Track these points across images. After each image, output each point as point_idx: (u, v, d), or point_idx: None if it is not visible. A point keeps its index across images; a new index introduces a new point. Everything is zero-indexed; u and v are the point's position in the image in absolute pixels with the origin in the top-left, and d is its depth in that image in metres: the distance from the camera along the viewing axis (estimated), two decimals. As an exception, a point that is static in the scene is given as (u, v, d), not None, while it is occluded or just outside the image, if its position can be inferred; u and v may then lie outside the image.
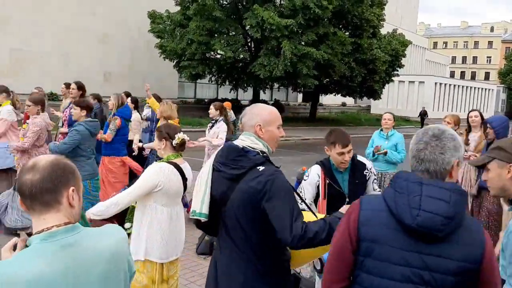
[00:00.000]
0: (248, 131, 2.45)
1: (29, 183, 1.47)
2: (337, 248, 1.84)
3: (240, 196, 2.31)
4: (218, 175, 2.44)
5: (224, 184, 2.39)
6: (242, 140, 2.43)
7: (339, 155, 3.44)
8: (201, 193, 2.46)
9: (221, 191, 2.40)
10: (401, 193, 1.73)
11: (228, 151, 2.44)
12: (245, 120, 2.50)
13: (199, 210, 2.45)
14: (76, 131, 5.18)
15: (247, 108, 2.57)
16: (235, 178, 2.35)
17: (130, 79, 26.30)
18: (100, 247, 1.56)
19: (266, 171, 2.30)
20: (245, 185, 2.30)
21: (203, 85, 33.42)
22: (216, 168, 2.46)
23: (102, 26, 26.05)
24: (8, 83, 8.51)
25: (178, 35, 24.88)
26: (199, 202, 2.45)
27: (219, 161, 2.45)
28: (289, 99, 40.55)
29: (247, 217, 2.31)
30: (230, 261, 2.39)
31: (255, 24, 22.70)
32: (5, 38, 22.59)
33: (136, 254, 3.32)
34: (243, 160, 2.35)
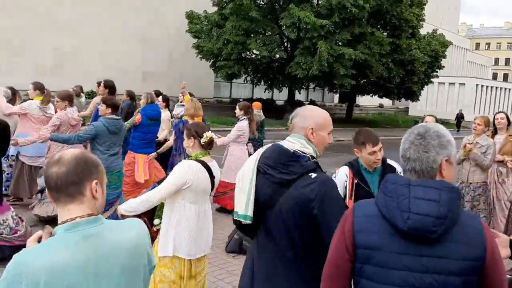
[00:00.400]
0: (298, 133, 2.38)
1: (54, 176, 1.54)
2: (334, 256, 1.81)
3: (290, 202, 2.23)
4: (263, 178, 2.34)
5: (270, 188, 2.31)
6: (291, 143, 2.35)
7: (371, 154, 3.41)
8: (245, 195, 2.36)
9: (267, 195, 2.31)
10: (390, 197, 1.69)
11: (278, 154, 2.34)
12: (296, 121, 2.42)
13: (243, 212, 2.36)
14: (93, 126, 5.45)
15: (298, 109, 2.50)
16: (284, 183, 2.27)
17: (167, 79, 26.75)
18: (121, 240, 1.60)
19: (319, 179, 2.24)
20: (296, 192, 2.23)
21: (238, 85, 33.61)
22: (262, 170, 2.35)
23: (142, 26, 26.60)
24: (51, 81, 8.86)
25: (214, 35, 25.13)
26: (244, 204, 2.36)
27: (267, 163, 2.34)
28: (325, 99, 40.29)
29: (295, 223, 2.25)
30: (271, 265, 2.33)
31: (291, 24, 22.65)
32: (49, 38, 23.40)
33: (164, 250, 3.39)
34: (295, 166, 2.28)
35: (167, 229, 3.44)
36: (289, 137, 2.40)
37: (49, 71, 22.60)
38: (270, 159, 2.34)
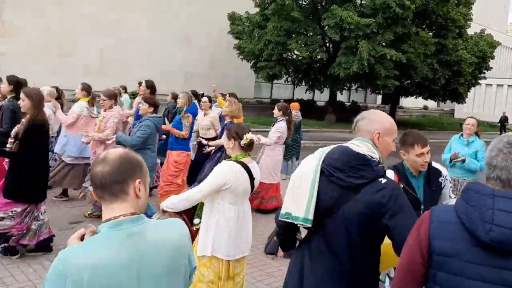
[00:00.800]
0: (364, 137, 2.32)
1: (99, 175, 1.58)
2: (407, 261, 1.79)
3: (359, 208, 2.16)
4: (327, 181, 2.25)
5: (335, 192, 2.22)
6: (357, 146, 2.28)
7: (419, 156, 3.31)
8: (304, 197, 2.25)
9: (330, 199, 2.22)
10: (472, 206, 1.64)
11: (348, 157, 2.25)
12: (362, 124, 2.36)
13: (303, 215, 2.24)
14: (147, 126, 5.57)
15: (365, 112, 2.45)
16: (353, 187, 2.19)
17: (209, 79, 27.00)
18: (163, 240, 1.62)
19: (389, 185, 2.20)
20: (366, 197, 2.16)
21: (279, 86, 33.57)
22: (327, 172, 2.26)
23: (185, 28, 27.02)
24: (97, 81, 9.13)
25: (256, 36, 25.21)
26: (304, 206, 2.24)
27: (334, 166, 2.26)
28: (367, 100, 39.63)
29: (359, 230, 2.18)
30: (326, 271, 2.25)
31: (334, 24, 22.42)
32: (96, 39, 24.16)
33: (203, 250, 3.41)
34: (366, 170, 2.21)
35: (207, 229, 3.46)
36: (355, 140, 2.33)
37: (95, 72, 23.29)
38: (338, 161, 2.26)
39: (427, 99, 32.22)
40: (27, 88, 5.05)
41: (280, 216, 2.36)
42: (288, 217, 2.31)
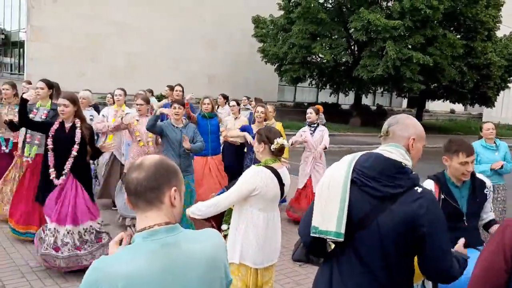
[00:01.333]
0: (398, 142, 2.19)
1: (135, 181, 1.53)
2: (487, 267, 1.73)
3: (396, 219, 2.04)
4: (360, 191, 2.12)
5: (369, 203, 2.10)
6: (390, 152, 2.16)
7: (462, 164, 3.16)
8: (334, 209, 2.12)
9: (364, 210, 2.10)
10: None
11: (383, 165, 2.12)
12: (395, 129, 2.23)
13: (335, 228, 2.10)
14: (197, 129, 5.75)
15: (397, 117, 2.31)
16: (388, 197, 2.07)
17: (232, 82, 27.12)
18: (199, 251, 1.55)
19: (425, 194, 2.09)
20: (403, 208, 2.04)
21: (303, 89, 33.41)
22: (360, 182, 2.13)
23: (209, 31, 27.17)
24: (124, 85, 9.16)
25: (280, 39, 25.15)
26: (334, 219, 2.11)
27: (367, 175, 2.12)
28: (392, 104, 39.12)
29: (395, 240, 2.06)
30: (357, 284, 2.14)
31: (360, 27, 22.16)
32: (121, 43, 24.50)
33: (231, 257, 3.32)
34: (402, 178, 2.10)
35: (235, 235, 3.39)
36: (386, 146, 2.21)
37: (122, 75, 23.58)
38: (372, 170, 2.12)
39: (454, 102, 31.51)
40: (68, 93, 4.94)
41: (311, 231, 2.22)
42: (317, 231, 2.18)
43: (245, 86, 27.29)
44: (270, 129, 3.57)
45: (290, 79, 25.90)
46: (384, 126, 2.29)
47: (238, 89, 24.38)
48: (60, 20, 23.02)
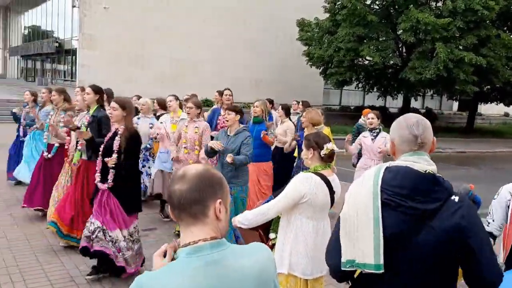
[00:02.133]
0: (424, 150, 1.99)
1: (178, 193, 1.45)
2: None
3: (438, 235, 1.86)
4: (393, 211, 1.91)
5: (405, 222, 1.89)
6: (415, 163, 1.95)
7: None
8: (369, 239, 1.91)
9: (401, 232, 1.90)
10: None
11: (415, 180, 1.91)
12: (427, 137, 1.99)
13: (372, 261, 1.90)
14: (250, 137, 5.31)
15: (418, 120, 2.02)
16: (428, 214, 1.88)
17: (277, 86, 27.06)
18: (247, 267, 1.45)
19: (463, 202, 1.91)
20: (443, 223, 1.86)
21: (349, 92, 32.92)
22: (393, 203, 1.91)
23: (254, 35, 27.27)
24: (170, 90, 9.28)
25: (325, 42, 24.85)
26: (370, 250, 1.90)
27: (400, 194, 1.91)
28: (442, 107, 37.90)
29: (439, 257, 1.89)
30: None
31: (409, 27, 21.52)
32: (167, 49, 24.99)
33: (279, 267, 3.20)
34: (439, 190, 1.90)
35: (283, 244, 3.27)
36: (408, 156, 1.97)
37: (168, 80, 24.04)
38: (404, 189, 1.90)
39: (508, 105, 30.11)
40: (119, 98, 4.89)
41: (343, 266, 1.99)
42: (352, 265, 1.97)
43: (290, 90, 27.16)
44: (318, 134, 3.43)
45: (336, 83, 25.54)
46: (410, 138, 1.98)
47: (283, 93, 24.28)
48: (110, 27, 23.75)
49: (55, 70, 34.53)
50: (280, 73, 28.37)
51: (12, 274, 4.66)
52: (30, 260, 5.05)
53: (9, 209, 6.82)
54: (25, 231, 5.95)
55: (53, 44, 31.30)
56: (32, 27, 40.73)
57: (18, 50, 42.84)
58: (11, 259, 5.01)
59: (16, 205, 6.93)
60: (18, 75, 45.17)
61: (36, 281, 4.56)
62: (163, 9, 24.84)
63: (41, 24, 37.55)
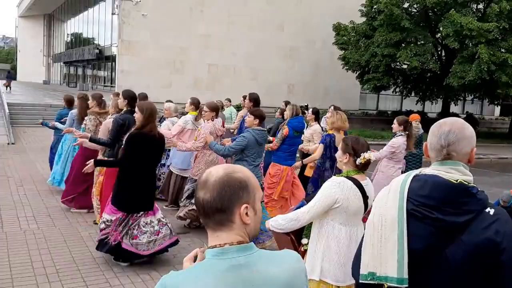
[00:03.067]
0: (458, 159, 1.85)
1: (202, 202, 1.43)
2: None
3: (468, 250, 1.74)
4: (420, 223, 1.81)
5: (433, 235, 1.78)
6: (446, 173, 1.82)
7: None
8: (393, 251, 1.82)
9: (428, 246, 1.79)
10: None
11: (445, 190, 1.79)
12: (457, 148, 1.85)
13: (395, 274, 1.80)
14: (243, 137, 5.48)
15: (452, 130, 1.86)
16: (457, 227, 1.76)
17: (312, 91, 26.92)
18: (274, 274, 1.40)
19: (500, 216, 1.77)
20: (475, 237, 1.73)
21: (386, 97, 32.39)
22: (419, 214, 1.81)
23: (289, 41, 27.25)
24: (206, 95, 9.40)
25: (362, 46, 24.51)
26: (394, 263, 1.82)
27: (427, 205, 1.80)
28: (484, 112, 36.73)
29: (470, 274, 1.76)
30: None
31: (452, 32, 20.87)
32: (204, 55, 25.29)
33: (311, 273, 3.15)
34: (470, 202, 1.77)
35: (315, 250, 3.20)
36: (440, 166, 1.86)
37: (205, 86, 24.35)
38: (432, 199, 1.80)
39: (555, 110, 28.92)
40: (140, 102, 5.21)
41: (362, 278, 1.91)
42: (373, 277, 1.87)
43: (325, 94, 26.99)
44: (358, 140, 3.28)
45: (373, 87, 25.14)
46: (437, 147, 1.87)
47: (318, 97, 24.18)
48: (148, 34, 24.25)
49: (96, 76, 35.54)
50: (315, 77, 28.23)
51: (50, 274, 4.77)
52: (66, 260, 5.16)
53: (49, 210, 7.02)
54: (63, 232, 6.11)
55: (94, 50, 32.26)
56: (74, 34, 42.16)
57: (61, 57, 44.41)
58: (49, 260, 5.14)
59: (54, 206, 7.15)
60: (61, 81, 46.76)
61: (73, 280, 4.66)
62: (200, 16, 25.19)
63: (82, 32, 38.80)
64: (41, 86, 40.29)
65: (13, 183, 8.64)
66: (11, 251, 5.32)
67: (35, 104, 20.65)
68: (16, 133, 15.42)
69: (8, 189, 8.17)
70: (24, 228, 6.17)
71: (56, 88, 36.86)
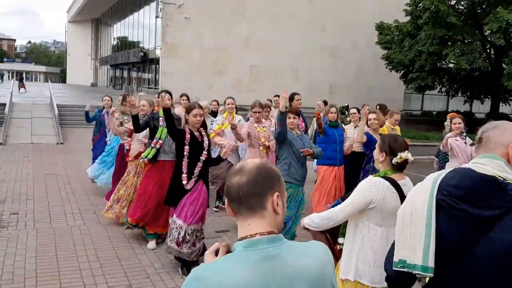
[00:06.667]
0: (493, 152, 1.83)
1: (236, 186, 1.46)
2: None
3: (496, 248, 1.68)
4: (449, 214, 1.77)
5: (461, 228, 1.75)
6: (482, 165, 1.80)
7: None
8: (420, 239, 1.82)
9: (457, 238, 1.76)
10: None
11: (472, 182, 1.77)
12: (491, 134, 1.86)
13: (420, 262, 1.80)
14: None
15: (496, 122, 1.93)
16: (484, 221, 1.71)
17: (354, 91, 26.56)
18: (304, 265, 1.42)
19: None
20: (504, 234, 1.67)
21: (431, 97, 31.54)
22: (447, 204, 1.79)
23: (331, 41, 27.03)
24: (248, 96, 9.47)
25: (406, 45, 23.92)
26: (421, 251, 1.81)
27: (454, 195, 1.77)
28: (537, 113, 35.08)
29: (499, 276, 1.70)
30: None
31: (497, 29, 20.07)
32: (246, 56, 25.47)
33: (346, 273, 3.12)
34: (499, 197, 1.71)
35: (350, 250, 3.16)
36: (479, 158, 1.84)
37: (246, 87, 24.51)
38: (459, 189, 1.77)
39: None
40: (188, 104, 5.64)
41: (394, 265, 1.90)
42: (404, 265, 1.87)
43: (368, 94, 26.55)
44: (396, 139, 3.17)
45: (418, 87, 24.49)
46: (478, 132, 1.92)
47: (361, 97, 23.77)
48: (191, 36, 24.68)
49: (140, 78, 36.45)
50: (358, 77, 27.85)
51: (94, 268, 4.95)
52: (110, 256, 5.34)
53: (94, 207, 7.28)
54: (107, 228, 6.32)
55: (138, 53, 33.10)
56: (120, 38, 43.40)
57: (108, 60, 45.80)
58: (93, 255, 5.33)
59: (99, 203, 7.40)
60: (108, 84, 48.25)
61: (115, 275, 4.81)
62: (242, 17, 25.39)
63: (128, 35, 39.88)
64: (89, 89, 41.75)
65: (61, 181, 9.01)
66: (58, 246, 5.56)
67: (83, 105, 21.37)
68: (64, 134, 16.07)
69: (57, 187, 8.54)
70: (71, 224, 6.43)
71: (103, 90, 38.01)
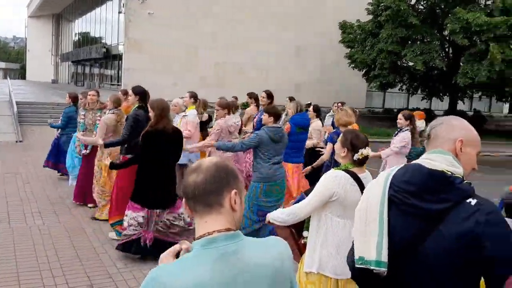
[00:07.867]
0: (441, 147, 1.86)
1: (192, 184, 1.44)
2: None
3: (446, 242, 1.70)
4: (400, 210, 1.82)
5: (412, 224, 1.78)
6: (431, 161, 1.83)
7: None
8: (373, 235, 1.84)
9: (406, 233, 1.79)
10: None
11: (422, 177, 1.80)
12: (439, 130, 1.90)
13: (374, 257, 1.82)
14: (256, 135, 5.47)
15: (443, 118, 1.98)
16: (433, 215, 1.73)
17: (318, 89, 26.86)
18: (262, 261, 1.42)
19: (482, 206, 1.69)
20: (453, 227, 1.68)
21: (392, 94, 32.26)
22: (398, 199, 1.83)
23: (295, 40, 27.20)
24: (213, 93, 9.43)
25: (368, 44, 24.41)
26: (374, 247, 1.83)
27: (405, 190, 1.81)
28: (492, 109, 36.47)
29: (451, 270, 1.71)
30: None
31: (459, 29, 20.67)
32: (211, 53, 25.35)
33: (310, 266, 3.17)
34: (447, 190, 1.74)
35: (314, 243, 3.21)
36: (428, 154, 1.87)
37: (212, 84, 24.39)
38: (410, 184, 1.81)
39: None
40: (152, 100, 5.29)
41: (356, 262, 1.93)
42: (363, 262, 1.88)
43: (332, 92, 26.89)
44: (358, 135, 3.26)
45: (379, 85, 25.03)
46: (427, 129, 1.97)
47: (325, 96, 24.07)
48: (155, 32, 24.34)
49: (103, 75, 35.73)
50: (322, 76, 28.16)
51: (54, 269, 4.82)
52: (70, 256, 5.21)
53: (54, 207, 7.08)
54: (67, 228, 6.16)
55: (101, 49, 32.42)
56: (81, 33, 42.40)
57: (69, 56, 44.66)
58: (53, 255, 5.19)
59: (59, 202, 7.21)
60: (69, 80, 47.05)
61: (76, 275, 4.70)
62: (206, 14, 25.24)
63: (90, 31, 39.00)
64: (50, 85, 40.58)
65: (20, 180, 8.74)
66: (17, 246, 5.39)
67: (43, 102, 20.82)
68: (24, 131, 15.57)
69: (16, 186, 8.27)
70: (30, 224, 6.24)
71: (64, 87, 37.06)
